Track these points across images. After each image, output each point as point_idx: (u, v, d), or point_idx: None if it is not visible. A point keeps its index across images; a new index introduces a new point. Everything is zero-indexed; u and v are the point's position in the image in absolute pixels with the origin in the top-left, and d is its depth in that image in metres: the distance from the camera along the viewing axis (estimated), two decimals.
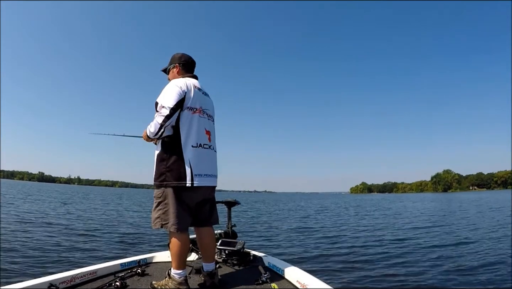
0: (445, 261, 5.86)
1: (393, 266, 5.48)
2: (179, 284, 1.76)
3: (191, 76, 1.97)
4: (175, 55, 2.03)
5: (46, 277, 1.76)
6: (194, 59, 2.05)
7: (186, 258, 1.86)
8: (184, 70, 1.99)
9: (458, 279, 4.70)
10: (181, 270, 1.79)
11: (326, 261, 5.88)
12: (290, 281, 1.98)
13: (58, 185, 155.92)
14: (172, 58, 2.02)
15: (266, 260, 2.43)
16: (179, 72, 1.98)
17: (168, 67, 2.03)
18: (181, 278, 1.78)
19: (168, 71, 2.04)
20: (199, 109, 1.84)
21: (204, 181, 1.81)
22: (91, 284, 1.88)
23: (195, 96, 1.83)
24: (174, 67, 2.00)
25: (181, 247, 1.77)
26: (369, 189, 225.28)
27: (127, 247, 6.88)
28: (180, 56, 2.01)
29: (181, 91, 1.77)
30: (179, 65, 1.98)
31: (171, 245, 1.79)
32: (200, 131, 1.84)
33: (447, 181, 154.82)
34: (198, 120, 1.82)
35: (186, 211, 1.83)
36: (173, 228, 1.76)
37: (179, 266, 1.78)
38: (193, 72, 2.03)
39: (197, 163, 1.78)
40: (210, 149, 1.90)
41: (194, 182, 1.75)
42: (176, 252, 1.77)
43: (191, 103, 1.80)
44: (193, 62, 2.04)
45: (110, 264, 2.17)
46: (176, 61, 1.99)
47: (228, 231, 2.87)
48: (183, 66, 1.98)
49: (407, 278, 4.79)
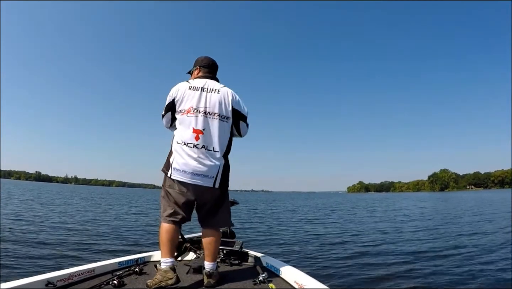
0: (446, 261, 5.89)
1: (393, 266, 5.47)
2: (164, 272, 1.80)
3: (207, 77, 2.08)
4: (198, 58, 2.18)
5: (43, 275, 1.75)
6: (215, 62, 2.18)
7: (171, 247, 1.90)
8: (204, 72, 2.12)
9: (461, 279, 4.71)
10: (166, 258, 1.86)
11: (323, 261, 5.89)
12: (287, 281, 1.97)
13: (54, 184, 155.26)
14: (196, 61, 2.18)
15: (264, 260, 2.42)
16: (198, 74, 2.12)
17: (191, 70, 2.20)
18: (167, 266, 1.83)
19: (191, 73, 2.19)
20: (188, 110, 1.94)
21: (181, 175, 1.90)
22: (88, 282, 1.86)
23: (186, 98, 1.96)
24: (195, 70, 2.15)
25: (163, 235, 1.90)
26: (366, 188, 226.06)
27: (125, 245, 6.88)
28: (202, 59, 2.16)
29: (169, 98, 1.99)
30: (199, 68, 2.13)
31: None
32: (186, 130, 1.94)
33: (444, 180, 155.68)
34: (186, 120, 1.94)
35: (174, 204, 1.96)
36: (161, 218, 1.97)
37: (164, 254, 1.87)
38: (215, 73, 2.16)
39: (177, 159, 1.92)
40: (195, 147, 1.90)
41: (172, 174, 1.92)
42: (160, 240, 1.91)
43: (181, 106, 1.96)
44: (213, 64, 2.16)
45: (107, 263, 2.16)
46: (198, 64, 2.15)
47: (226, 230, 2.87)
48: (203, 68, 2.13)
49: (408, 277, 4.79)
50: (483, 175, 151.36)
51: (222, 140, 1.96)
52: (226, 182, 2.01)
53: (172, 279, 1.78)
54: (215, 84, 2.03)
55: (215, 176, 1.92)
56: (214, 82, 2.05)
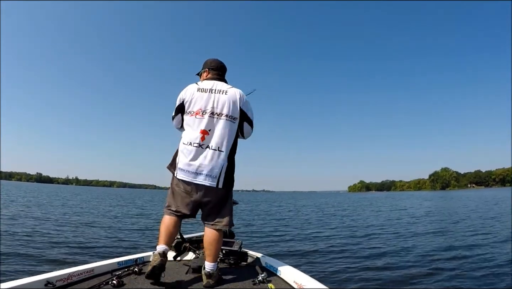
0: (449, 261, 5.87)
1: (394, 266, 5.46)
2: (154, 255, 1.91)
3: (216, 79, 2.13)
4: (207, 60, 2.25)
5: (43, 275, 1.75)
6: (224, 64, 2.25)
7: (166, 237, 1.97)
8: (212, 74, 2.18)
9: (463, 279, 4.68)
10: (160, 244, 1.95)
11: (323, 261, 5.88)
12: (287, 281, 1.97)
13: (55, 186, 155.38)
14: (204, 63, 2.24)
15: (263, 260, 2.42)
16: (207, 76, 2.18)
17: (200, 72, 2.26)
18: (159, 250, 1.91)
19: (200, 75, 2.26)
20: (197, 112, 1.99)
21: (185, 175, 1.97)
22: (88, 282, 1.86)
23: (195, 101, 2.01)
24: (204, 72, 2.22)
25: (162, 226, 2.01)
26: (367, 187, 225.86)
27: (124, 245, 6.88)
28: (210, 62, 2.22)
29: (179, 100, 2.06)
30: (208, 70, 2.20)
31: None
32: (193, 131, 1.99)
33: (445, 179, 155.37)
34: (193, 121, 2.00)
35: (178, 202, 2.03)
36: (163, 210, 2.07)
37: (159, 241, 1.97)
38: (223, 75, 2.22)
39: (182, 159, 1.99)
40: (201, 147, 1.95)
41: (178, 174, 1.99)
42: (160, 230, 2.01)
43: (190, 108, 2.02)
44: (222, 67, 2.23)
45: (107, 262, 2.16)
46: (207, 66, 2.22)
47: (226, 230, 2.87)
48: (212, 71, 2.19)
49: (408, 278, 4.78)
50: (484, 173, 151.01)
51: (228, 141, 1.99)
52: (231, 182, 2.04)
53: (156, 261, 1.81)
54: (223, 85, 2.08)
55: (218, 175, 1.96)
56: (222, 84, 2.10)
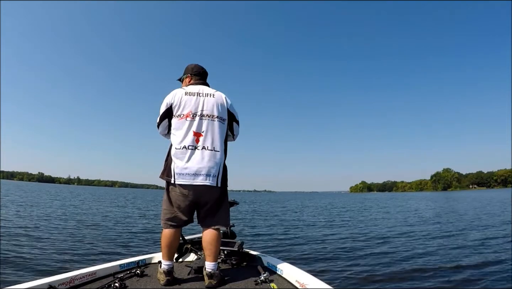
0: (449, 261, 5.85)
1: (395, 267, 5.43)
2: (159, 273, 1.98)
3: (199, 83, 2.17)
4: (188, 66, 2.28)
5: (45, 278, 1.75)
6: (205, 69, 2.28)
7: (169, 252, 1.98)
8: (195, 79, 2.21)
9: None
10: (165, 261, 1.98)
11: (325, 261, 5.87)
12: (289, 280, 1.96)
13: (57, 185, 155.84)
14: (186, 69, 2.28)
15: (265, 259, 2.42)
16: (190, 81, 2.22)
17: (182, 77, 2.30)
18: (164, 268, 1.96)
19: (182, 80, 2.29)
20: (187, 114, 2.01)
21: (184, 179, 1.95)
22: (90, 285, 1.87)
23: (184, 104, 2.02)
24: (186, 77, 2.25)
25: (162, 240, 2.01)
26: (368, 188, 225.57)
27: (126, 247, 6.89)
28: (192, 67, 2.25)
29: (165, 106, 2.04)
30: (191, 75, 2.23)
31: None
32: (186, 134, 1.99)
33: (447, 180, 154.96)
34: (184, 124, 2.00)
35: (176, 209, 2.01)
36: (161, 222, 2.05)
37: (163, 257, 1.99)
38: (205, 80, 2.26)
39: (178, 164, 1.96)
40: (197, 149, 1.97)
41: (176, 180, 1.95)
42: (161, 244, 2.02)
43: (179, 111, 2.02)
44: (204, 72, 2.27)
45: (109, 265, 2.16)
46: (189, 72, 2.25)
47: (227, 231, 2.87)
48: (195, 76, 2.23)
49: (408, 278, 4.76)
50: (486, 174, 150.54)
51: (221, 141, 2.05)
52: (226, 181, 2.09)
53: (162, 281, 1.93)
54: (209, 89, 2.14)
55: (217, 174, 1.99)
56: (208, 88, 2.16)
